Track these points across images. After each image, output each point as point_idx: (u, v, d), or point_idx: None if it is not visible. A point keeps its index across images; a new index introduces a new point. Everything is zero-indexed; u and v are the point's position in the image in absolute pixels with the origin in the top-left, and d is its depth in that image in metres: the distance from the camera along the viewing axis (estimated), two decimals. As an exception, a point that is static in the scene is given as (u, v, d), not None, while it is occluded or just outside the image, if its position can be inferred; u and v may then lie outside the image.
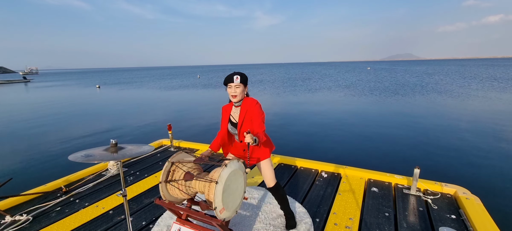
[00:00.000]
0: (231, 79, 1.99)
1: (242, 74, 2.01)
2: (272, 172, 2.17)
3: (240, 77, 1.99)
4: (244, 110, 2.04)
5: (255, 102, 2.03)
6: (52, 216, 2.72)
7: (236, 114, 2.12)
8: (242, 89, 2.02)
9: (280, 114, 11.42)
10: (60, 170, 5.68)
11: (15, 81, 54.04)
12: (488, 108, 11.47)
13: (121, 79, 48.49)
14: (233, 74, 2.00)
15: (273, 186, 2.17)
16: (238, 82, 1.98)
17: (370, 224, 2.43)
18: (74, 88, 31.58)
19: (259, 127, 1.92)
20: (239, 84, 1.99)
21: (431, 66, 72.44)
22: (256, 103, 2.02)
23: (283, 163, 3.92)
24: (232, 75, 1.99)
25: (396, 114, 10.64)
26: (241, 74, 2.01)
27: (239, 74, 2.00)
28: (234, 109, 2.14)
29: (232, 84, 2.00)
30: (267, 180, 2.16)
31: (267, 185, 2.19)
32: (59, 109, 15.20)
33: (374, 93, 17.46)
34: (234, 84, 1.99)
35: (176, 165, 1.94)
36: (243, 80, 2.01)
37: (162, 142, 5.05)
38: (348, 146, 6.97)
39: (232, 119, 2.15)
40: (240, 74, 2.01)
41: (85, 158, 1.59)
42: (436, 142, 7.00)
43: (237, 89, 2.00)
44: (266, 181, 2.17)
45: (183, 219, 1.94)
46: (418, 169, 2.83)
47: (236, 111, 2.12)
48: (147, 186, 3.33)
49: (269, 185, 2.17)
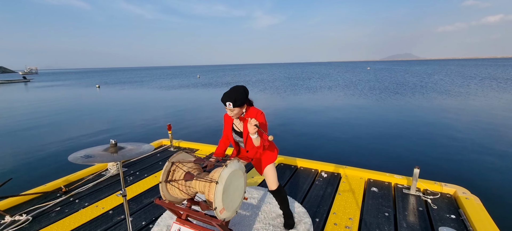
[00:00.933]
0: (225, 104, 1.89)
1: (235, 99, 1.85)
2: (275, 175, 2.18)
3: (233, 103, 1.85)
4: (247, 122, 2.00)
5: (259, 113, 1.98)
6: (51, 216, 2.72)
7: (239, 124, 2.11)
8: (237, 111, 1.93)
9: (280, 114, 11.42)
10: (60, 170, 5.69)
11: (15, 81, 54.02)
12: (488, 108, 11.48)
13: (121, 79, 48.46)
14: (225, 99, 1.87)
15: (276, 189, 2.18)
16: (231, 107, 1.88)
17: (370, 224, 2.44)
18: (74, 88, 31.56)
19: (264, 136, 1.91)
20: (232, 109, 1.89)
21: (430, 66, 72.47)
22: (260, 114, 1.97)
23: (283, 163, 3.93)
24: (224, 101, 1.88)
25: (395, 114, 10.64)
26: (235, 100, 1.85)
27: (231, 100, 1.85)
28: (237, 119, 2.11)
29: (226, 107, 1.92)
30: (269, 183, 2.18)
31: (269, 188, 2.20)
32: (59, 109, 15.19)
33: (373, 93, 17.46)
34: (228, 108, 1.91)
35: (176, 165, 1.94)
36: (237, 105, 1.87)
37: (162, 142, 5.05)
38: (348, 146, 6.97)
39: (235, 128, 2.14)
40: (233, 100, 1.84)
41: (85, 159, 1.58)
42: (435, 141, 7.00)
43: (231, 112, 1.94)
44: (268, 183, 2.19)
45: (183, 219, 1.94)
46: (417, 169, 2.83)
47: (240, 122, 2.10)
48: (147, 186, 3.33)
49: (271, 187, 2.18)
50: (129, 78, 50.28)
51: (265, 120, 2.00)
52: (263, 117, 1.99)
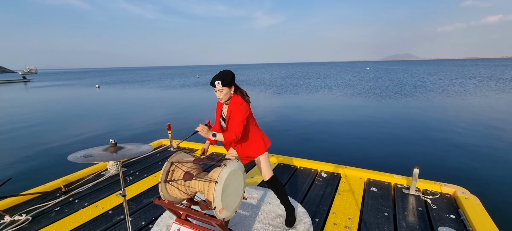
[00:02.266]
0: (214, 84, 1.99)
1: (223, 78, 1.98)
2: (268, 166, 2.23)
3: (221, 81, 1.97)
4: (230, 109, 2.08)
5: (239, 103, 2.05)
6: (51, 216, 2.72)
7: (225, 111, 2.18)
8: (226, 91, 2.02)
9: (279, 114, 11.42)
10: (60, 169, 5.68)
11: (15, 81, 54.01)
12: (487, 108, 11.48)
13: (121, 79, 48.43)
14: (214, 79, 1.98)
15: (269, 178, 2.22)
16: (220, 86, 1.98)
17: (370, 224, 2.44)
18: (74, 88, 31.53)
19: (237, 126, 1.97)
20: (221, 88, 1.99)
21: (430, 66, 72.50)
22: (240, 104, 2.04)
23: (283, 163, 3.92)
24: (214, 81, 1.98)
25: (395, 114, 10.65)
26: (223, 78, 1.98)
27: (220, 78, 1.97)
28: (224, 106, 2.18)
29: (216, 89, 2.01)
30: (263, 174, 2.23)
31: (264, 179, 2.24)
32: (59, 109, 15.18)
33: (373, 93, 17.46)
34: (216, 88, 2.00)
35: (175, 165, 1.94)
36: (225, 83, 1.98)
37: (162, 142, 5.05)
38: (347, 146, 6.97)
39: (223, 114, 2.22)
40: (221, 78, 1.97)
41: (85, 158, 1.59)
42: (435, 141, 7.01)
43: (220, 93, 2.03)
44: (262, 175, 2.24)
45: (182, 219, 1.94)
46: (417, 169, 2.83)
47: (226, 108, 2.17)
48: (147, 186, 3.33)
49: (265, 178, 2.23)
50: (129, 78, 50.26)
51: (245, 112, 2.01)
52: (243, 107, 2.02)
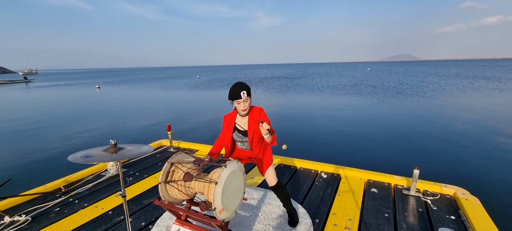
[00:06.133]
0: (239, 96, 1.92)
1: (247, 88, 1.95)
2: (274, 171, 2.24)
3: (246, 91, 1.93)
4: (254, 119, 2.04)
5: (259, 109, 2.06)
6: (51, 216, 2.71)
7: (243, 123, 2.11)
8: (250, 101, 2.01)
9: (280, 114, 11.42)
10: (59, 170, 5.67)
11: (16, 81, 54.08)
12: (488, 108, 11.48)
13: (121, 80, 48.46)
14: (239, 89, 1.92)
15: (275, 184, 2.21)
16: (245, 97, 1.93)
17: (370, 224, 2.43)
18: (74, 89, 31.55)
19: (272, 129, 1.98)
20: (247, 98, 1.95)
21: (430, 67, 72.50)
22: (261, 110, 2.06)
23: (283, 164, 3.92)
24: (239, 92, 1.91)
25: (395, 115, 10.65)
26: (247, 88, 1.94)
27: (244, 88, 1.93)
28: (240, 118, 2.12)
29: (241, 100, 1.94)
30: (270, 180, 2.21)
31: (269, 184, 2.22)
32: (59, 109, 15.18)
33: (373, 94, 17.46)
34: (242, 100, 1.94)
35: (175, 166, 1.94)
36: (249, 94, 1.97)
37: (162, 143, 5.05)
38: (347, 147, 6.97)
39: (239, 127, 2.13)
40: (245, 88, 1.93)
41: (85, 158, 1.58)
42: (435, 142, 7.00)
43: (245, 103, 1.98)
44: (269, 181, 2.22)
45: (182, 220, 1.93)
46: (417, 170, 2.82)
47: (243, 120, 2.10)
48: (147, 186, 3.32)
49: (271, 184, 2.21)
50: (130, 79, 50.30)
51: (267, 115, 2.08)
52: (265, 112, 2.07)
